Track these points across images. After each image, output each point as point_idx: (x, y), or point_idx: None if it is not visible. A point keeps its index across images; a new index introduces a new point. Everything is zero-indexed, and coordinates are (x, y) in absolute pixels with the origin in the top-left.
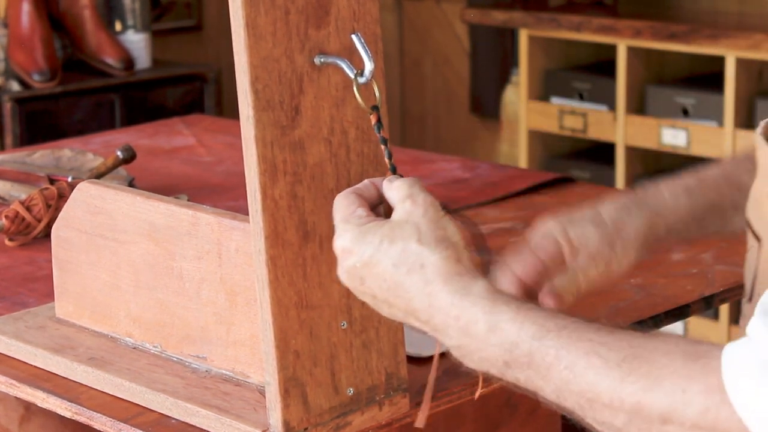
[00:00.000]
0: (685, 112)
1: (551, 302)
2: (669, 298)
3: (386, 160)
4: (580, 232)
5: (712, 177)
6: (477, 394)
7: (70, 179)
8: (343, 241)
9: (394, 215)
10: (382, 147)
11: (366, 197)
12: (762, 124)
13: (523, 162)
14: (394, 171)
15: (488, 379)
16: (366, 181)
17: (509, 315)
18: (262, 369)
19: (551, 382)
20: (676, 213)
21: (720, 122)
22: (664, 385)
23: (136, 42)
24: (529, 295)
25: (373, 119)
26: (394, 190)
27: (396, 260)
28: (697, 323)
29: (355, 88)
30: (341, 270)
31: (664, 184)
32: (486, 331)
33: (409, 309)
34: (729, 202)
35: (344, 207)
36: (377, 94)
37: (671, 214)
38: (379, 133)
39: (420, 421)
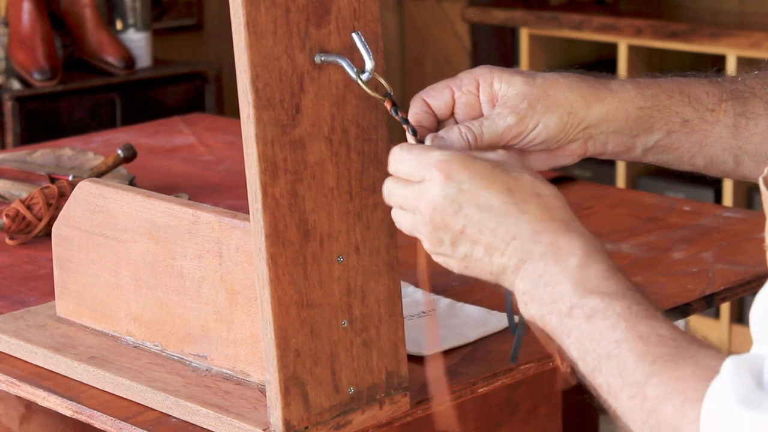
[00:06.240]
0: None
1: (458, 134)
2: (670, 297)
3: (411, 137)
4: (506, 78)
5: (668, 83)
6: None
7: (70, 178)
8: (445, 159)
9: (488, 156)
10: (405, 127)
11: None
12: (765, 171)
13: None
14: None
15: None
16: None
17: (604, 265)
18: (263, 368)
19: (597, 350)
20: (620, 98)
21: None
22: (674, 402)
23: (137, 41)
24: (434, 128)
25: (388, 105)
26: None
27: (512, 186)
28: (697, 322)
29: (361, 83)
30: (433, 195)
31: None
32: (575, 266)
33: (502, 238)
34: (679, 112)
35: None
36: (384, 83)
37: (613, 99)
38: (398, 114)
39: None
